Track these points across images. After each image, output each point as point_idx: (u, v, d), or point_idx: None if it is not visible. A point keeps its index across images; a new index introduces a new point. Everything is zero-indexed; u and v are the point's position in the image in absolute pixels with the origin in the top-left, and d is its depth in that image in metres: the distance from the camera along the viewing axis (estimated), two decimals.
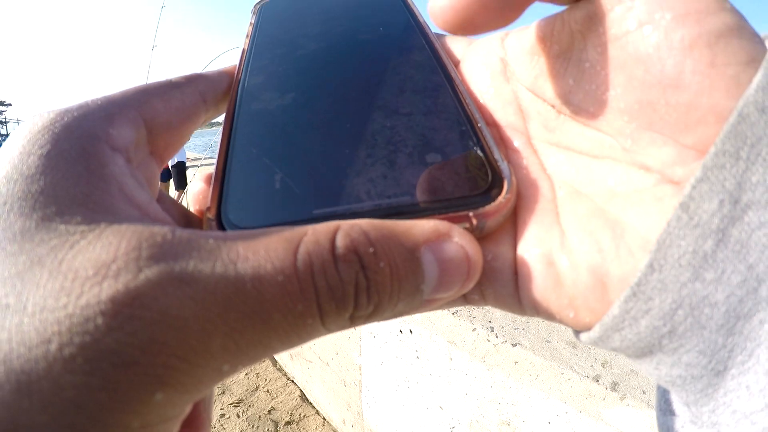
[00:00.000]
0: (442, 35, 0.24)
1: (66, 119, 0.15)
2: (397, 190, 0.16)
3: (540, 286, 0.16)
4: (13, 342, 0.11)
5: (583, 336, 0.16)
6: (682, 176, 0.14)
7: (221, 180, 0.18)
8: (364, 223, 0.14)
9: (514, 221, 0.17)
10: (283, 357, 2.21)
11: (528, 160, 0.18)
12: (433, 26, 0.19)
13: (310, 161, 0.18)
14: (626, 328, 0.14)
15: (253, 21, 0.28)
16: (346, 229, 0.14)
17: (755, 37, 0.14)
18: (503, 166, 0.17)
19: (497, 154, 0.17)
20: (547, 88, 0.18)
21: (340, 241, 0.13)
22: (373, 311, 0.14)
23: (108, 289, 0.11)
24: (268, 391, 2.07)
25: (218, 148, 0.19)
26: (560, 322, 0.16)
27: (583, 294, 0.15)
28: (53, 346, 0.11)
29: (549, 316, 0.16)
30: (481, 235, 0.16)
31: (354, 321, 0.14)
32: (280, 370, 2.23)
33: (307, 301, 0.13)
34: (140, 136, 0.17)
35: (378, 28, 0.25)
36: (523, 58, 0.19)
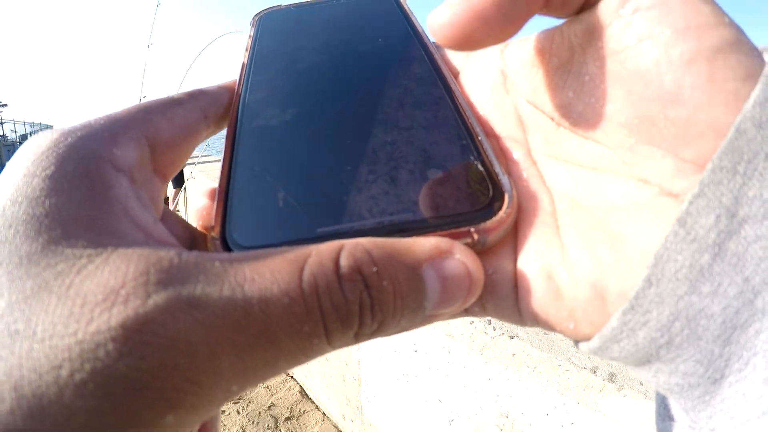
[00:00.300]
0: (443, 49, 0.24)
1: (69, 140, 0.15)
2: (399, 206, 0.16)
3: (540, 300, 0.16)
4: (24, 368, 0.11)
5: (583, 346, 0.16)
6: (680, 189, 0.14)
7: (224, 199, 0.18)
8: (366, 242, 0.14)
9: (515, 234, 0.17)
10: None
11: (528, 172, 0.18)
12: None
13: (312, 179, 0.18)
14: (624, 339, 0.14)
15: (251, 33, 0.27)
16: (349, 249, 0.14)
17: (753, 51, 0.14)
18: (504, 180, 0.17)
19: (498, 168, 0.17)
20: (547, 100, 0.19)
21: (344, 261, 0.14)
22: (378, 328, 0.14)
23: (118, 315, 0.12)
24: (267, 387, 2.07)
25: (220, 165, 0.19)
26: (560, 332, 0.16)
27: (583, 306, 0.15)
28: (64, 372, 0.11)
29: (549, 327, 0.16)
30: (482, 250, 0.17)
31: (359, 338, 0.14)
32: None
33: (313, 322, 0.13)
34: (144, 155, 0.17)
35: (377, 39, 0.25)
36: (522, 70, 0.20)
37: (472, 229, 0.16)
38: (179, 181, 4.77)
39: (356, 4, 0.29)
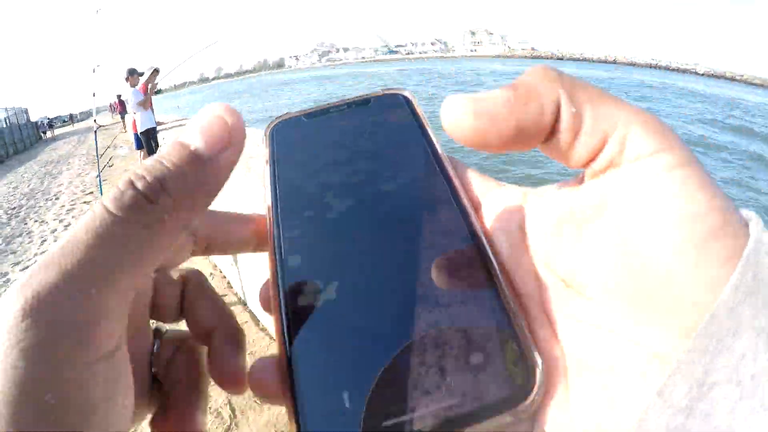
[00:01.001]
0: (463, 171, 0.25)
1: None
2: (451, 399, 0.18)
3: None
4: None
5: None
6: (667, 353, 0.17)
7: (293, 393, 0.19)
8: None
9: None
10: None
11: (544, 332, 0.20)
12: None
13: (369, 372, 0.19)
14: None
15: (268, 153, 0.27)
16: None
17: (738, 231, 0.16)
18: (536, 356, 0.18)
19: (530, 344, 0.19)
20: (558, 263, 0.20)
21: None
22: None
23: None
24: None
25: (276, 340, 0.21)
26: None
27: None
28: None
29: None
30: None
31: None
32: None
33: None
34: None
35: (400, 169, 0.25)
36: (540, 230, 0.21)
37: (510, 417, 0.18)
38: (152, 149, 4.54)
39: (370, 114, 0.28)
